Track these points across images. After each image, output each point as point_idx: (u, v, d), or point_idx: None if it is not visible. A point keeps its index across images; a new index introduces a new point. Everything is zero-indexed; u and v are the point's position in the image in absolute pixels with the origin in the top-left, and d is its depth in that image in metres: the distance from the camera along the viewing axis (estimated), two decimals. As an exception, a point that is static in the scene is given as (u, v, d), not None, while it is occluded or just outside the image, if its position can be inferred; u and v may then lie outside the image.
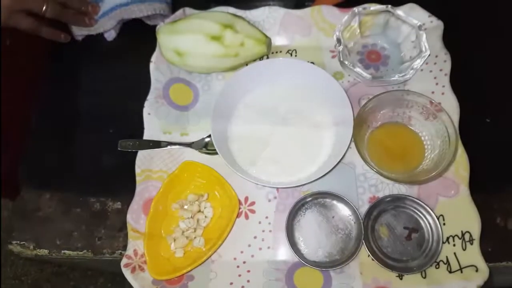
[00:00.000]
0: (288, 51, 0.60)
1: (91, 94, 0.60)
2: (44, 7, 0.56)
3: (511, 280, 0.57)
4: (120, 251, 0.52)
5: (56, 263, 1.10)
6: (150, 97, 0.56)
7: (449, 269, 0.47)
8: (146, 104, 0.56)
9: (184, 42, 0.54)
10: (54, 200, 0.55)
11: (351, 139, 0.50)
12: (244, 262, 0.50)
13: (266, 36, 0.57)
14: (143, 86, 0.57)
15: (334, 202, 0.51)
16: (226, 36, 0.54)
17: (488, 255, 0.48)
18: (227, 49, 0.54)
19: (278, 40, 0.61)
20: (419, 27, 0.55)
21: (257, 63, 0.56)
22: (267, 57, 0.60)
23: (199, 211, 0.51)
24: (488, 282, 0.46)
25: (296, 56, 0.60)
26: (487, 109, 0.57)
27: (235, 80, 0.55)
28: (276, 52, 0.60)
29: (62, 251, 0.52)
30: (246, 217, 0.52)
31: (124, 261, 0.49)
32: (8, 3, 0.53)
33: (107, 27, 0.62)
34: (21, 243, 0.53)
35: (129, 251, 0.49)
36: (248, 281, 0.49)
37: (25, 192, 0.55)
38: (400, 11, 0.56)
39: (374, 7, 0.57)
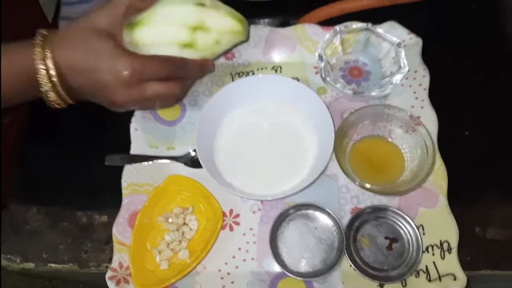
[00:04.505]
0: (273, 68, 0.62)
1: (78, 108, 0.62)
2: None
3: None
4: (106, 264, 0.52)
5: (46, 278, 1.09)
6: (137, 112, 0.58)
7: (428, 278, 0.48)
8: (133, 119, 0.57)
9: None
10: (41, 213, 0.55)
11: (333, 152, 0.51)
12: (228, 274, 0.50)
13: (242, 21, 0.50)
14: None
15: (317, 213, 0.52)
16: (198, 40, 0.47)
17: (467, 264, 0.49)
18: (202, 52, 0.49)
19: (264, 57, 0.62)
20: (398, 45, 0.57)
21: (242, 80, 0.57)
22: (253, 73, 0.61)
23: (184, 223, 0.52)
24: (466, 290, 0.47)
25: (281, 72, 0.62)
26: (466, 122, 0.58)
27: (220, 96, 0.56)
28: (262, 69, 0.62)
29: (49, 264, 0.53)
30: (231, 229, 0.53)
31: (109, 273, 0.49)
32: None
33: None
34: (8, 256, 0.53)
35: (114, 264, 0.50)
36: (232, 292, 0.49)
37: (13, 206, 0.56)
38: (380, 29, 0.58)
39: (355, 25, 0.59)
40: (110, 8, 0.45)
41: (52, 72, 0.43)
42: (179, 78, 0.48)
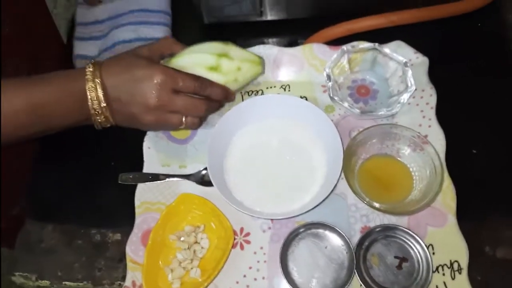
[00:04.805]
0: (281, 86, 0.63)
1: (92, 129, 0.63)
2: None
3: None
4: (119, 282, 0.53)
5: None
6: (150, 131, 0.59)
7: (439, 298, 0.48)
8: (146, 138, 0.59)
9: None
10: (56, 231, 0.57)
11: (342, 170, 0.52)
12: (239, 293, 0.51)
13: (259, 57, 0.59)
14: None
15: (327, 232, 0.52)
16: (223, 65, 0.55)
17: (478, 284, 0.49)
18: (226, 76, 0.56)
19: (272, 76, 0.63)
20: (405, 64, 0.57)
21: (252, 99, 0.59)
22: (262, 92, 0.62)
23: (196, 242, 0.53)
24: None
25: (289, 91, 0.63)
26: (473, 140, 0.59)
27: (230, 115, 0.57)
28: (270, 87, 0.63)
29: (63, 282, 0.54)
30: (242, 247, 0.53)
31: (122, 292, 0.50)
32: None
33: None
34: (24, 274, 0.54)
35: (128, 282, 0.51)
36: (243, 311, 0.50)
37: (28, 224, 0.57)
38: (387, 49, 0.59)
39: (362, 45, 0.60)
40: (150, 45, 0.54)
41: (99, 88, 0.48)
42: (206, 98, 0.53)
